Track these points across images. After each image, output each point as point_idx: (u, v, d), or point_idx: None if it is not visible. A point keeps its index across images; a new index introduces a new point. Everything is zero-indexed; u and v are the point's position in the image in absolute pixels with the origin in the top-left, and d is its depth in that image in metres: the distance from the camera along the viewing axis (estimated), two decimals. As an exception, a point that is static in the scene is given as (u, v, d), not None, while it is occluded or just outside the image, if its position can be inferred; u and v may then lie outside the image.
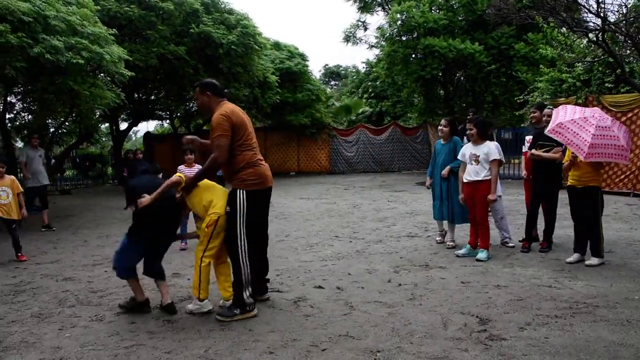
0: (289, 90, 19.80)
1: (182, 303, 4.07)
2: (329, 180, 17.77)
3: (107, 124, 21.34)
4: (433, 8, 17.47)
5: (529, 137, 6.37)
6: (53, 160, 12.57)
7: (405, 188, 13.85)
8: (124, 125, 21.24)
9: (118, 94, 10.98)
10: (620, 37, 10.24)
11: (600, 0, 8.90)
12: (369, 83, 29.48)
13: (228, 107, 3.75)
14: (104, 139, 28.25)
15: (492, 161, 5.31)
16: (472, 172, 5.38)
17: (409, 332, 3.35)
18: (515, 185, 12.90)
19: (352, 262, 5.39)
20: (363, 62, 47.25)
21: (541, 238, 5.83)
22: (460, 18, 17.31)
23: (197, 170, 5.98)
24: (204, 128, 21.57)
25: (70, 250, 6.60)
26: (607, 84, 11.25)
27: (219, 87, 3.90)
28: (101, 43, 9.11)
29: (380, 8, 21.46)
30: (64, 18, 8.32)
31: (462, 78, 19.54)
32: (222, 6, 16.12)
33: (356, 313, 3.76)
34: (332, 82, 46.39)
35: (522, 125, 16.07)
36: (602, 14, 8.96)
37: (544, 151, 5.53)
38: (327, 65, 48.82)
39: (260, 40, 16.48)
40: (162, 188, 3.65)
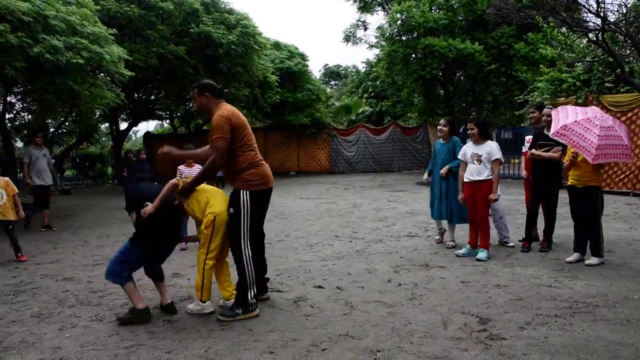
0: (289, 90, 19.80)
1: (182, 303, 4.07)
2: (329, 180, 17.78)
3: (107, 124, 21.36)
4: (433, 8, 17.48)
5: (528, 137, 6.37)
6: (53, 160, 12.49)
7: (405, 188, 13.85)
8: (123, 125, 21.25)
9: (118, 94, 10.99)
10: (620, 37, 10.24)
11: (600, 0, 8.91)
12: (369, 83, 29.49)
13: (227, 109, 3.74)
14: (103, 139, 28.25)
15: (494, 161, 5.31)
16: (474, 172, 5.38)
17: (409, 331, 3.36)
18: (515, 185, 12.90)
19: (352, 262, 5.39)
20: (363, 62, 47.26)
21: (541, 238, 5.83)
22: (460, 18, 17.31)
23: (197, 170, 5.99)
24: (204, 128, 21.58)
25: (70, 250, 6.60)
26: (607, 84, 11.26)
27: (217, 88, 3.88)
28: (101, 43, 9.12)
29: (380, 8, 21.46)
30: (63, 18, 8.32)
31: (462, 78, 19.54)
32: (222, 6, 16.13)
33: (356, 313, 3.76)
34: (332, 82, 46.41)
35: (522, 125, 16.07)
36: (602, 14, 8.96)
37: (544, 151, 5.53)
38: (327, 65, 48.86)
39: (260, 40, 16.48)
40: (163, 194, 3.63)
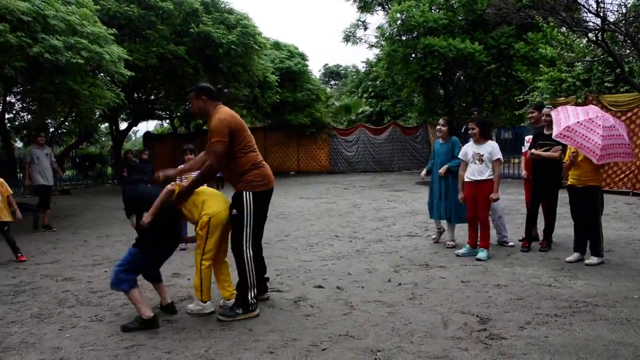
0: (288, 90, 19.81)
1: (182, 303, 4.07)
2: (328, 179, 17.78)
3: (107, 124, 21.36)
4: (433, 8, 17.47)
5: (528, 137, 6.36)
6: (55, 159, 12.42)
7: (405, 187, 13.85)
8: (123, 125, 21.25)
9: (118, 94, 10.98)
10: (619, 36, 10.25)
11: (600, 0, 8.91)
12: (369, 82, 29.50)
13: (225, 112, 3.73)
14: (103, 139, 28.25)
15: (495, 160, 5.32)
16: (475, 172, 5.37)
17: (409, 331, 3.36)
18: (515, 185, 12.90)
19: (352, 262, 5.39)
20: (363, 62, 47.32)
21: (541, 237, 5.83)
22: (460, 17, 17.31)
23: (197, 171, 5.96)
24: (204, 128, 21.58)
25: (70, 250, 6.60)
26: (606, 84, 11.26)
27: (214, 90, 3.86)
28: (101, 43, 9.12)
29: (380, 7, 21.47)
30: (63, 17, 8.32)
31: (462, 77, 19.54)
32: (222, 6, 16.13)
33: (356, 312, 3.76)
34: (332, 82, 46.42)
35: (522, 124, 16.08)
36: (601, 14, 8.96)
37: (544, 150, 5.53)
38: (327, 64, 48.86)
39: (260, 40, 16.48)
40: (158, 202, 3.58)
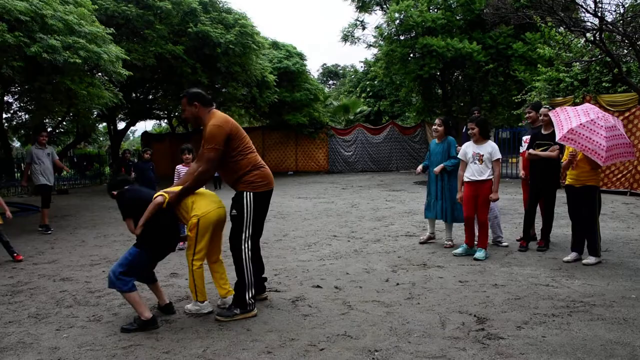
0: (287, 90, 19.81)
1: (180, 303, 4.07)
2: (327, 179, 17.78)
3: (105, 124, 21.34)
4: (431, 7, 17.50)
5: (525, 138, 6.37)
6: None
7: (403, 187, 13.86)
8: (121, 125, 21.24)
9: (116, 94, 10.97)
10: (617, 36, 10.28)
11: (598, 0, 8.94)
12: (367, 82, 29.54)
13: (220, 116, 3.71)
14: (101, 139, 28.23)
15: (495, 160, 5.33)
16: (475, 172, 5.37)
17: (407, 331, 3.36)
18: (514, 184, 12.93)
19: (350, 262, 5.39)
20: (361, 62, 47.37)
21: (539, 237, 5.84)
22: (458, 17, 17.35)
23: None
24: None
25: (67, 250, 6.58)
26: (604, 84, 11.29)
27: (206, 96, 3.82)
28: (99, 42, 9.10)
29: (378, 7, 21.50)
30: (61, 17, 8.30)
31: (460, 77, 19.58)
32: (220, 5, 16.13)
33: (354, 312, 3.76)
34: (330, 82, 46.47)
35: (520, 124, 16.12)
36: (599, 14, 8.99)
37: (542, 150, 5.54)
38: (325, 64, 48.91)
39: (259, 40, 16.48)
40: (147, 213, 3.55)
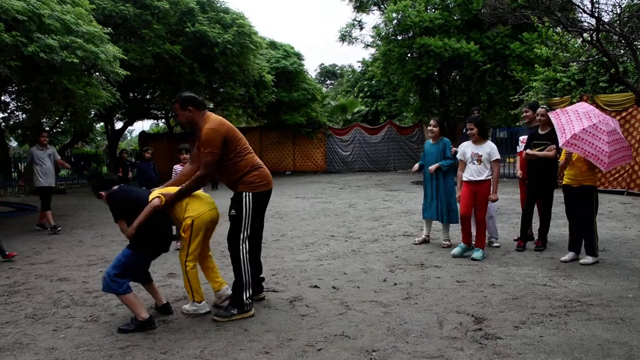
0: (284, 90, 19.81)
1: (177, 303, 4.06)
2: (324, 179, 17.78)
3: (102, 123, 21.29)
4: (429, 7, 17.51)
5: (522, 138, 6.38)
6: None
7: (401, 187, 13.88)
8: (119, 125, 21.21)
9: (113, 93, 10.95)
10: (614, 37, 10.31)
11: (595, 1, 8.96)
12: (365, 82, 29.55)
13: (215, 119, 3.70)
14: (99, 138, 28.16)
15: (494, 161, 5.33)
16: (474, 172, 5.38)
17: (405, 331, 3.36)
18: (511, 184, 12.95)
19: (348, 262, 5.40)
20: (359, 61, 47.34)
21: (536, 237, 5.85)
22: (455, 17, 17.35)
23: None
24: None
25: (65, 250, 6.56)
26: (601, 84, 11.32)
27: (199, 100, 3.81)
28: (96, 42, 9.09)
29: (376, 7, 21.48)
30: (58, 17, 8.28)
31: (457, 77, 19.59)
32: (218, 5, 16.12)
33: (352, 312, 3.76)
34: (328, 81, 46.49)
35: (517, 124, 16.15)
36: (596, 14, 9.02)
37: (539, 150, 5.54)
38: (322, 64, 48.91)
39: (256, 40, 16.48)
40: (142, 217, 3.54)
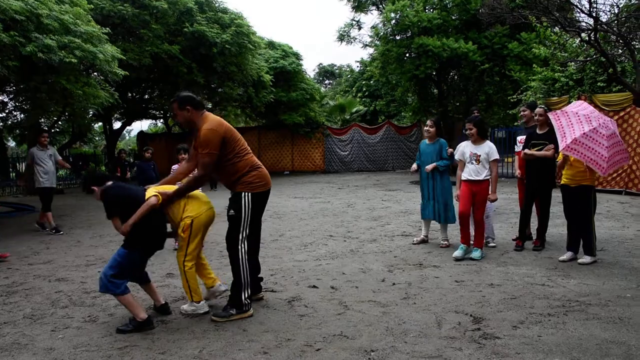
0: (283, 90, 19.81)
1: (176, 303, 4.06)
2: (323, 179, 17.78)
3: (101, 123, 21.27)
4: (427, 7, 17.53)
5: (520, 138, 6.39)
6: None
7: (399, 187, 13.88)
8: (117, 125, 21.18)
9: (111, 93, 10.94)
10: (612, 36, 10.34)
11: (593, 1, 8.98)
12: (363, 82, 29.57)
13: (214, 120, 3.69)
14: (97, 138, 28.11)
15: (493, 161, 5.34)
16: (472, 172, 5.39)
17: (403, 331, 3.36)
18: (510, 184, 12.97)
19: (346, 262, 5.40)
20: (357, 61, 47.43)
21: (534, 236, 5.86)
22: (454, 17, 17.38)
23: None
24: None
25: (63, 250, 6.55)
26: (599, 83, 11.35)
27: (197, 99, 3.80)
28: (94, 42, 9.07)
29: (374, 7, 21.52)
30: (56, 17, 8.27)
31: (455, 77, 19.63)
32: (216, 5, 16.11)
33: (350, 312, 3.76)
34: (327, 81, 46.47)
35: (515, 124, 16.18)
36: (594, 14, 9.04)
37: (537, 150, 5.55)
38: (321, 64, 48.94)
39: (255, 40, 16.47)
40: (139, 214, 3.54)
